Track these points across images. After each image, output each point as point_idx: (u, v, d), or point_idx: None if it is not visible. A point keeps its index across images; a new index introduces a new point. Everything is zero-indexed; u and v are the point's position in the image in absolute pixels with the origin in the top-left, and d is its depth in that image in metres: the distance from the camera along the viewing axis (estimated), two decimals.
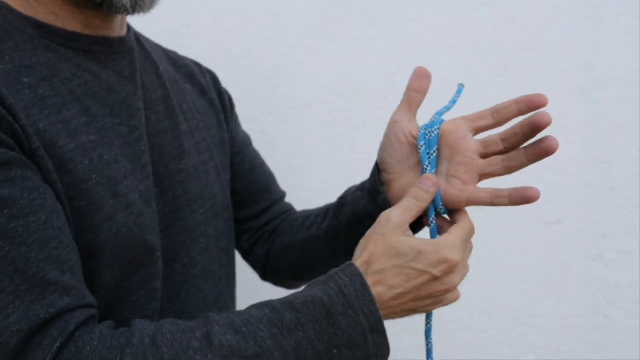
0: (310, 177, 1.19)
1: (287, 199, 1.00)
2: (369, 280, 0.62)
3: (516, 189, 0.68)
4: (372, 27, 1.17)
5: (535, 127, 0.65)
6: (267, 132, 1.19)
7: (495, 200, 0.69)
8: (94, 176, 0.65)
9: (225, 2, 1.19)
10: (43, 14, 0.69)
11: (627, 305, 1.15)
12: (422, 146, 0.69)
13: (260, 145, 1.20)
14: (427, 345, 0.71)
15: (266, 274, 0.96)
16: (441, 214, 0.70)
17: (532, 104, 0.66)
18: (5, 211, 0.56)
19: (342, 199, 0.82)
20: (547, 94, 1.15)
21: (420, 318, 1.19)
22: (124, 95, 0.72)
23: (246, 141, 0.97)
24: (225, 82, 1.11)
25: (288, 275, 0.93)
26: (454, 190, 0.68)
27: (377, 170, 0.76)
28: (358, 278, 0.61)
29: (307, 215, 0.91)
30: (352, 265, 0.63)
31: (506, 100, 0.69)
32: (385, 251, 0.63)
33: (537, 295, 1.17)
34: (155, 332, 0.59)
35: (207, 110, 0.89)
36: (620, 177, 1.15)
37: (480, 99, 1.18)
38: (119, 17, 0.74)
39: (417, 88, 0.72)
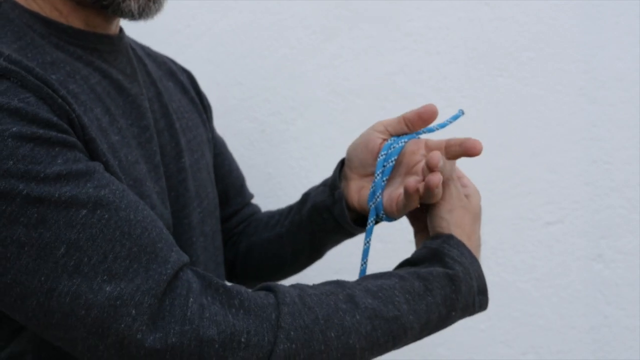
0: (310, 177, 1.19)
1: (288, 199, 1.00)
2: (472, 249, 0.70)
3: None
4: (372, 27, 1.17)
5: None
6: (267, 132, 1.19)
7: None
8: (123, 177, 0.64)
9: (225, 2, 1.19)
10: (47, 10, 0.67)
11: (627, 305, 1.15)
12: (381, 155, 0.72)
13: (260, 145, 1.20)
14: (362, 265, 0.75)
15: (232, 277, 0.96)
16: (381, 220, 0.73)
17: (467, 151, 0.68)
18: (89, 184, 0.55)
19: (306, 195, 0.85)
20: (547, 94, 1.15)
21: None
22: (133, 94, 0.72)
23: (223, 143, 0.98)
24: (226, 82, 1.11)
25: (251, 275, 0.93)
26: (400, 207, 0.71)
27: (341, 165, 0.80)
28: (464, 247, 0.68)
29: (271, 215, 0.93)
30: (452, 236, 0.69)
31: (506, 99, 0.70)
32: (472, 219, 0.71)
33: (537, 295, 1.17)
34: (301, 294, 0.59)
35: (191, 108, 0.88)
36: (621, 177, 1.15)
37: (480, 99, 1.18)
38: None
39: (409, 122, 0.74)
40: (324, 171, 1.20)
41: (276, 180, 1.19)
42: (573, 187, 1.16)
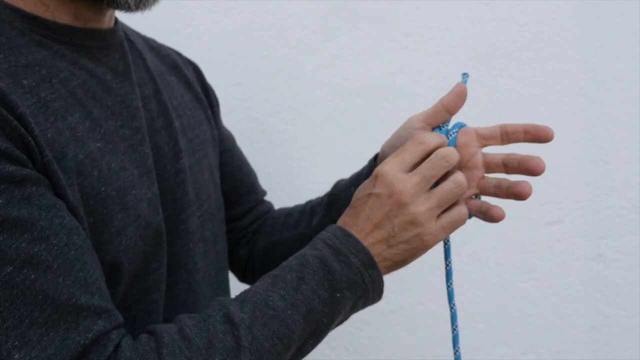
0: (310, 177, 1.19)
1: (288, 199, 1.00)
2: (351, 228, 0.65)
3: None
4: (371, 27, 1.17)
5: (529, 172, 0.68)
6: (267, 132, 1.19)
7: (478, 214, 0.72)
8: (102, 188, 0.61)
9: (225, 2, 1.19)
10: (31, 5, 0.62)
11: (627, 305, 1.15)
12: None
13: (260, 145, 1.20)
14: (452, 309, 0.71)
15: (246, 275, 0.94)
16: None
17: (538, 137, 0.68)
18: (25, 235, 0.52)
19: (334, 196, 0.83)
20: (547, 94, 1.15)
21: (420, 316, 1.20)
22: (122, 94, 0.67)
23: (232, 139, 0.94)
24: (226, 82, 1.11)
25: None
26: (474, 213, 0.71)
27: (374, 165, 0.77)
28: (339, 229, 0.64)
29: (289, 213, 0.90)
30: (332, 224, 0.66)
31: (506, 99, 0.70)
32: (365, 196, 0.65)
33: (537, 295, 1.17)
34: (180, 327, 0.58)
35: (195, 105, 0.83)
36: (621, 177, 1.15)
37: (481, 99, 1.18)
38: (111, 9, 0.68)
39: (451, 107, 0.71)
40: (324, 171, 1.21)
41: (276, 180, 1.19)
42: (573, 187, 1.16)
